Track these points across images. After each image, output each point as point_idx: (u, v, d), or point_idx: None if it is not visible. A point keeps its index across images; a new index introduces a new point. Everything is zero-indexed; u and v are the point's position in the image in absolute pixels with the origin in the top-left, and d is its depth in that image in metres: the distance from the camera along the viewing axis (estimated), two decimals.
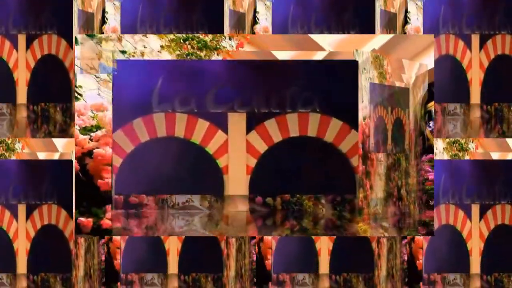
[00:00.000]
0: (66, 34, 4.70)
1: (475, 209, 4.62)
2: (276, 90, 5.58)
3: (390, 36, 5.15)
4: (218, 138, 5.67)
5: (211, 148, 5.66)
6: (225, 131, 5.63)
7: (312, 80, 5.56)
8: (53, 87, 4.70)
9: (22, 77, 4.61)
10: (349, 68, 5.36)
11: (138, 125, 5.53)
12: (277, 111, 5.62)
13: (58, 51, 4.66)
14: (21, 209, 4.65)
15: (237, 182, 5.67)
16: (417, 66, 5.45)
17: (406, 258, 4.93)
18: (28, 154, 4.71)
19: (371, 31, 4.89)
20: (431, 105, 5.11)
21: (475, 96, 4.59)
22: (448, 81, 4.67)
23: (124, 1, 4.76)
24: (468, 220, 4.64)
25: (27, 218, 4.67)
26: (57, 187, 4.73)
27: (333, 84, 5.55)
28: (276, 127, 5.68)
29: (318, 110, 5.59)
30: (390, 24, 4.72)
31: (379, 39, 5.44)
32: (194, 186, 5.61)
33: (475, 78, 4.58)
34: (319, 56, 5.49)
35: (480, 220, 4.61)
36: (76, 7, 4.70)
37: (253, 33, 4.96)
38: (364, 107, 5.11)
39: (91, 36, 4.63)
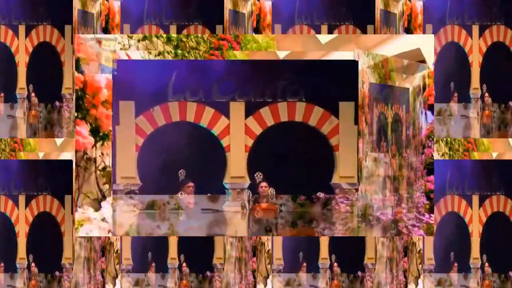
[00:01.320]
0: (58, 25, 4.80)
1: (475, 199, 4.85)
2: (269, 84, 5.95)
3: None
4: (221, 122, 6.04)
5: (216, 131, 6.04)
6: (227, 116, 6.02)
7: (299, 76, 5.90)
8: (47, 68, 4.85)
9: (22, 60, 4.79)
10: (330, 65, 5.52)
11: (157, 112, 5.94)
12: (270, 100, 6.00)
13: (52, 39, 4.81)
14: (21, 199, 4.83)
15: (237, 159, 6.04)
16: (417, 65, 5.55)
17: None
18: (27, 154, 4.86)
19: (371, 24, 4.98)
20: (430, 76, 5.14)
21: (475, 75, 4.80)
22: (452, 63, 4.85)
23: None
24: (470, 208, 4.86)
25: (26, 206, 4.84)
26: (51, 181, 4.86)
27: (316, 79, 5.87)
28: (269, 113, 6.06)
29: (303, 99, 6.00)
30: (389, 20, 4.90)
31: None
32: (201, 161, 5.93)
33: (475, 61, 4.80)
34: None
35: (479, 208, 4.84)
36: (76, 5, 4.79)
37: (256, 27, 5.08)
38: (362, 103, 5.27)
39: (91, 36, 4.76)
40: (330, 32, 4.97)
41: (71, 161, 4.76)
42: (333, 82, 5.82)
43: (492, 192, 4.80)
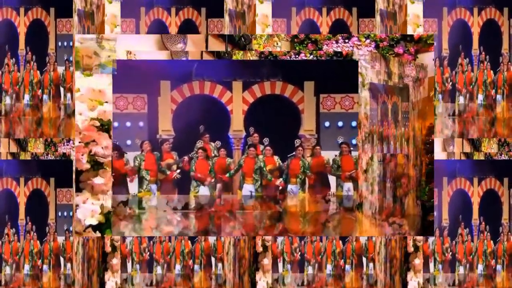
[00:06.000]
0: (46, 7, 5.32)
1: (475, 180, 5.46)
2: (258, 70, 7.18)
3: None
4: (227, 95, 7.38)
5: (223, 100, 7.36)
6: (231, 91, 7.36)
7: (277, 65, 7.04)
8: (38, 36, 5.31)
9: (22, 31, 5.37)
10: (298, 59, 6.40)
11: (184, 88, 7.27)
12: (259, 80, 7.29)
13: (41, 16, 5.33)
14: (21, 180, 5.40)
15: (237, 118, 7.31)
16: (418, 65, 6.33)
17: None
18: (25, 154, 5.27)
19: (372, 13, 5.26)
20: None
21: (475, 40, 5.44)
22: (460, 32, 5.41)
23: None
24: (472, 186, 5.45)
25: (24, 185, 5.38)
26: (41, 168, 5.36)
27: (289, 67, 7.02)
28: (258, 89, 7.42)
29: (281, 80, 7.31)
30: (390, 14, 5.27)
31: None
32: (214, 120, 7.07)
33: (475, 31, 5.45)
34: None
35: (478, 186, 5.46)
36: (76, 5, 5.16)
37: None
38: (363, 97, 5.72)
39: (91, 35, 4.97)
40: (328, 12, 5.29)
41: (55, 160, 5.30)
42: (300, 69, 7.04)
43: (486, 176, 5.47)
